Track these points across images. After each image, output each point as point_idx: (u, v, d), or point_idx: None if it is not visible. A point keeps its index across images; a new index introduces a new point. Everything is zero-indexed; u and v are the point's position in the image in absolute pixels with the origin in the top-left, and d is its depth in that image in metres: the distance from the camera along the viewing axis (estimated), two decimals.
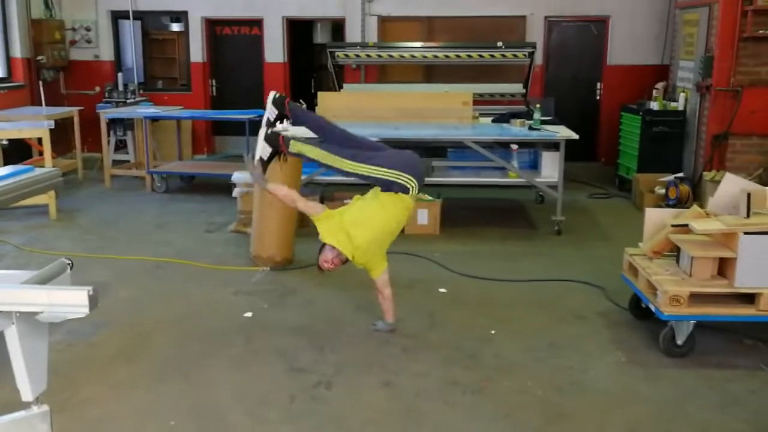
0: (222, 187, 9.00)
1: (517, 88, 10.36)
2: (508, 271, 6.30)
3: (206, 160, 11.59)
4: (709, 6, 8.48)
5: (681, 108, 9.04)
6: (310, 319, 5.24)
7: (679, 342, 4.57)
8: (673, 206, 7.92)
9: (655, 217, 5.12)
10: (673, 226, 4.74)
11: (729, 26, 8.05)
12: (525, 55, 9.83)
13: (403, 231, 7.34)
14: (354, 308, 5.44)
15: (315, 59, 13.63)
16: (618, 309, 5.43)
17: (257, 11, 11.56)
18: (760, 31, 7.95)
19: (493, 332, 5.00)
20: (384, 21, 11.42)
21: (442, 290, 5.83)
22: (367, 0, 11.30)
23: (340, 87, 10.46)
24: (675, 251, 4.93)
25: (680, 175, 8.61)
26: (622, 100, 10.43)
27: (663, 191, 8.37)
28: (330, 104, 8.12)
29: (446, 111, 8.03)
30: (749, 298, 4.53)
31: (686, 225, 4.67)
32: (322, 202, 6.84)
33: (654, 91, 9.53)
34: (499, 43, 9.79)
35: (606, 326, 5.15)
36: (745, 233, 4.39)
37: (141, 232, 7.54)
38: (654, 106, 9.12)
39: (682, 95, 9.08)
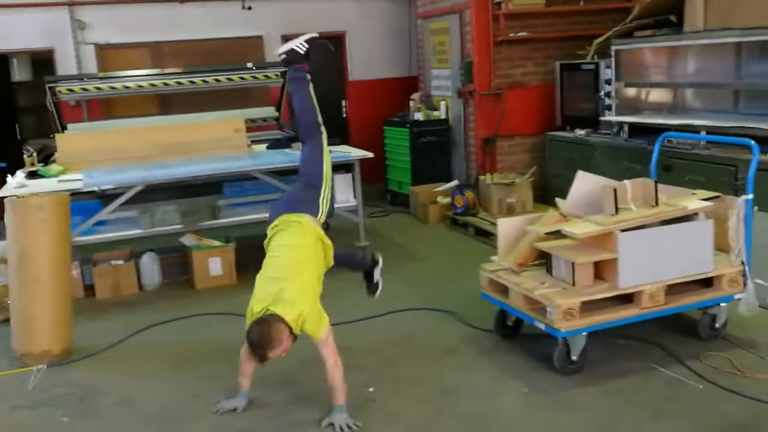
0: None
1: (269, 111, 9.63)
2: (335, 312, 5.50)
3: None
4: (459, 13, 8.55)
5: (443, 116, 9.03)
6: (137, 427, 3.99)
7: (574, 358, 4.22)
8: (463, 214, 7.86)
9: (509, 228, 4.76)
10: (547, 234, 4.39)
11: (483, 31, 8.16)
12: (277, 75, 9.13)
13: (194, 287, 6.40)
14: (190, 398, 4.28)
15: (14, 100, 11.53)
16: (478, 332, 4.99)
17: None
18: (511, 34, 8.16)
19: (371, 390, 4.23)
20: (102, 49, 9.95)
21: None
22: (78, 27, 9.74)
23: (64, 128, 8.80)
24: (539, 261, 4.62)
25: (455, 182, 8.58)
26: (374, 115, 10.26)
27: (446, 200, 8.24)
28: (73, 147, 6.69)
29: (218, 141, 7.04)
30: (629, 298, 4.33)
31: (558, 232, 4.36)
32: None
33: (411, 103, 9.43)
34: (249, 64, 8.98)
35: (481, 354, 4.66)
36: (622, 231, 4.18)
37: None
38: (419, 117, 8.99)
39: (442, 104, 9.07)
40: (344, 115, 11.12)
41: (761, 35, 5.68)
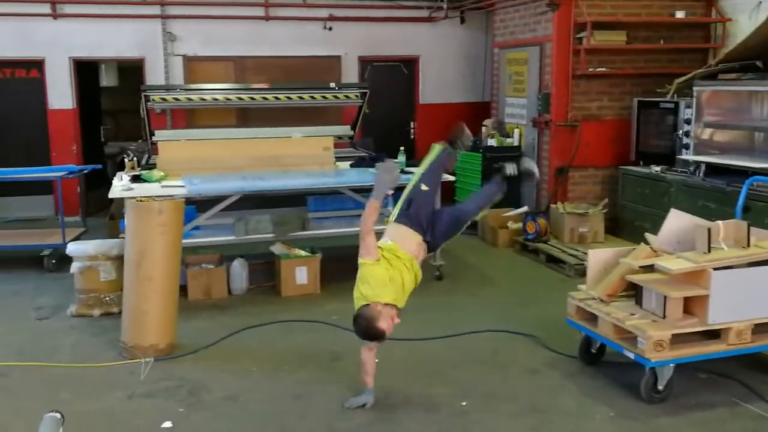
0: (22, 261, 7.51)
1: (344, 130, 9.97)
2: (419, 328, 5.78)
3: None
4: (539, 45, 8.80)
5: (516, 144, 9.26)
6: (248, 424, 4.27)
7: (660, 387, 4.40)
8: (534, 240, 8.05)
9: (599, 259, 4.96)
10: (641, 267, 4.59)
11: (563, 65, 8.40)
12: (357, 95, 9.49)
13: (280, 294, 6.70)
14: (292, 398, 4.57)
15: (101, 104, 12.07)
16: (561, 357, 5.18)
17: (37, 51, 9.91)
18: (590, 69, 8.39)
19: (464, 404, 4.46)
20: (190, 61, 10.43)
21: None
22: (169, 39, 10.24)
23: (152, 134, 9.26)
24: (627, 292, 4.81)
25: (525, 208, 8.78)
26: (442, 138, 10.51)
27: (517, 226, 8.45)
28: (174, 155, 7.05)
29: (306, 157, 7.36)
30: (715, 334, 4.50)
31: (652, 266, 4.56)
32: None
33: (483, 128, 9.68)
34: (332, 84, 9.36)
35: (565, 378, 4.86)
36: (715, 269, 4.36)
37: None
38: (492, 142, 9.24)
39: (516, 131, 9.30)
40: (412, 137, 11.43)
41: None
